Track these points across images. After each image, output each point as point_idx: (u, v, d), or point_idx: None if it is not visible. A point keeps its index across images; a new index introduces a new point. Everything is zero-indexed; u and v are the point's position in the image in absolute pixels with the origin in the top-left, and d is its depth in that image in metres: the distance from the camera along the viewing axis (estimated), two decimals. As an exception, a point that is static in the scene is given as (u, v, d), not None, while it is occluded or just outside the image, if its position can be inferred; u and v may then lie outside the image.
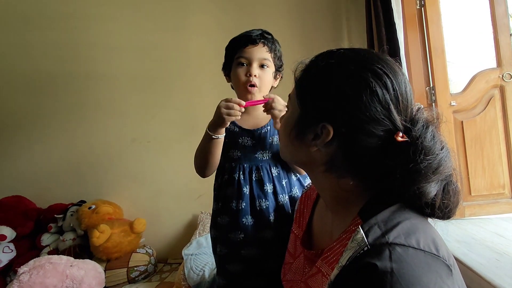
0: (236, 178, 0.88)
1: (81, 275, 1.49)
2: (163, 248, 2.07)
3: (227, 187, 0.90)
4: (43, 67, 2.09)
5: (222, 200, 0.91)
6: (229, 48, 0.94)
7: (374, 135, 0.46)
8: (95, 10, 2.09)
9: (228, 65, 0.94)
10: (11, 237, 1.81)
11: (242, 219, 0.86)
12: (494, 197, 1.53)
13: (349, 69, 0.48)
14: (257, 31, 0.90)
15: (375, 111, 0.46)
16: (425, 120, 0.47)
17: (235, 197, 0.87)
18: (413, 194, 0.45)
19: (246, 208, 0.86)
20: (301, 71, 0.56)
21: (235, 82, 0.91)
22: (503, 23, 1.51)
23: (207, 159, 0.88)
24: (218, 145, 0.87)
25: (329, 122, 0.49)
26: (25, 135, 2.09)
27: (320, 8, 2.13)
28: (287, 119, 0.58)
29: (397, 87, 0.48)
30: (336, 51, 0.53)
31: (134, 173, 2.12)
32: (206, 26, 2.11)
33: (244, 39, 0.89)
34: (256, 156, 0.90)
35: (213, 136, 0.85)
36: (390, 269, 0.38)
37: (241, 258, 0.86)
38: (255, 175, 0.89)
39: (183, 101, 2.13)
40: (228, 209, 0.88)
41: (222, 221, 0.90)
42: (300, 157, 0.57)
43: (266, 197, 0.87)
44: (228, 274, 0.89)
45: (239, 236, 0.86)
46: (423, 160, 0.43)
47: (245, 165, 0.89)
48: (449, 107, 1.53)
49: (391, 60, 0.50)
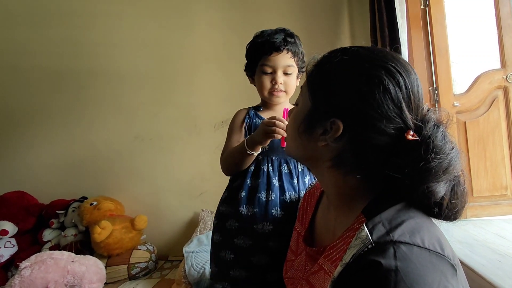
0: (265, 169, 0.88)
1: (82, 271, 1.50)
2: (164, 245, 2.08)
3: (253, 178, 0.89)
4: (46, 64, 2.10)
5: (248, 191, 0.89)
6: (252, 52, 0.93)
7: (385, 132, 0.46)
8: (99, 8, 2.09)
9: (251, 68, 0.95)
10: (13, 232, 1.82)
11: (272, 210, 0.86)
12: (496, 198, 1.52)
13: (362, 66, 0.49)
14: (279, 35, 0.89)
15: (387, 109, 0.46)
16: (435, 120, 0.47)
17: (263, 188, 0.87)
18: (422, 193, 0.45)
19: (276, 199, 0.86)
20: (313, 66, 0.56)
21: (261, 88, 0.93)
22: (508, 23, 1.50)
23: (238, 167, 0.89)
24: (251, 158, 0.88)
25: (339, 117, 0.49)
26: (28, 131, 2.10)
27: (323, 8, 2.12)
28: (297, 113, 0.58)
29: (409, 86, 0.48)
30: (349, 48, 0.52)
31: (136, 170, 2.12)
32: (210, 24, 2.11)
33: (268, 46, 0.88)
34: (283, 150, 0.90)
35: (249, 152, 0.84)
36: (394, 267, 0.38)
37: (269, 250, 0.85)
38: (285, 168, 0.90)
39: (186, 99, 2.13)
40: (256, 199, 0.87)
41: (247, 212, 0.88)
42: (306, 152, 0.57)
43: (295, 190, 0.89)
44: (253, 266, 0.87)
45: (268, 227, 0.85)
46: (433, 159, 0.43)
47: (273, 158, 0.90)
48: (452, 108, 1.52)
49: (405, 60, 0.51)
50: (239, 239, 0.86)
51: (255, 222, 0.86)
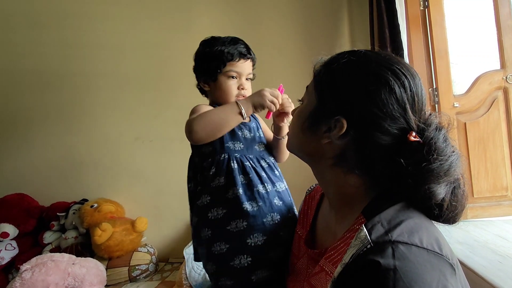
0: (249, 165, 0.88)
1: (83, 273, 1.50)
2: (164, 247, 2.07)
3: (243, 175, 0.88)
4: (46, 66, 2.10)
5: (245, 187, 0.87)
6: (215, 58, 0.94)
7: (388, 132, 0.47)
8: (99, 9, 2.10)
9: (209, 74, 0.96)
10: (14, 235, 1.82)
11: (274, 200, 0.86)
12: (497, 199, 1.52)
13: (370, 67, 0.50)
14: (242, 46, 0.95)
15: (392, 108, 0.47)
16: (437, 124, 0.49)
17: (258, 182, 0.87)
18: (423, 194, 0.45)
19: (273, 190, 0.87)
20: (320, 66, 0.57)
21: (226, 93, 0.95)
22: (507, 24, 1.51)
23: (221, 131, 0.87)
24: (235, 123, 0.87)
25: (344, 115, 0.50)
26: (28, 133, 2.10)
27: (323, 9, 2.12)
28: (302, 110, 0.59)
29: (414, 88, 0.49)
30: (357, 51, 0.54)
31: (137, 172, 2.12)
32: (210, 26, 2.12)
33: (236, 53, 0.93)
34: (255, 148, 0.93)
35: (242, 112, 0.84)
36: (393, 266, 0.38)
37: (282, 241, 0.84)
38: (263, 162, 0.91)
39: (186, 100, 2.11)
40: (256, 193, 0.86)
41: (252, 208, 0.85)
42: (309, 148, 0.58)
43: (281, 180, 0.92)
44: (268, 261, 0.84)
45: (276, 218, 0.84)
46: (435, 160, 0.44)
47: (250, 156, 0.91)
48: (452, 109, 1.52)
49: (409, 64, 0.52)
50: (252, 238, 0.82)
51: (264, 216, 0.84)
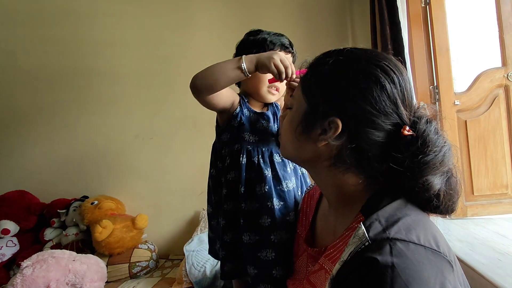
0: (255, 161, 0.85)
1: (84, 270, 1.51)
2: (164, 244, 2.08)
3: (248, 171, 0.86)
4: (46, 63, 2.10)
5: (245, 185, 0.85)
6: (257, 45, 0.90)
7: (383, 128, 0.48)
8: (99, 7, 2.10)
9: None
10: (15, 231, 1.83)
11: (268, 203, 0.82)
12: (497, 197, 1.52)
13: (359, 65, 0.50)
14: (285, 38, 0.90)
15: (384, 105, 0.48)
16: (427, 116, 0.49)
17: (258, 180, 0.84)
18: (421, 186, 0.46)
19: (270, 191, 0.83)
20: (306, 68, 0.57)
21: (258, 80, 0.89)
22: (509, 22, 1.50)
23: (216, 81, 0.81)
24: (234, 79, 0.81)
25: (338, 116, 0.50)
26: (29, 130, 2.11)
27: (324, 7, 2.12)
28: (292, 116, 0.58)
29: (403, 83, 0.50)
30: (343, 49, 0.54)
31: (137, 169, 2.13)
32: (210, 23, 2.11)
33: (278, 44, 0.88)
34: (272, 140, 0.89)
35: (247, 73, 0.78)
36: (391, 263, 0.38)
37: (275, 244, 0.81)
38: (276, 157, 0.87)
39: (186, 97, 2.09)
40: (254, 193, 0.84)
41: (250, 207, 0.84)
42: (305, 153, 0.57)
43: (290, 178, 0.87)
44: (261, 262, 0.83)
45: (267, 221, 0.82)
46: (430, 151, 0.45)
47: (263, 149, 0.87)
48: (453, 106, 1.52)
49: (395, 59, 0.52)
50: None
51: (260, 218, 0.83)
